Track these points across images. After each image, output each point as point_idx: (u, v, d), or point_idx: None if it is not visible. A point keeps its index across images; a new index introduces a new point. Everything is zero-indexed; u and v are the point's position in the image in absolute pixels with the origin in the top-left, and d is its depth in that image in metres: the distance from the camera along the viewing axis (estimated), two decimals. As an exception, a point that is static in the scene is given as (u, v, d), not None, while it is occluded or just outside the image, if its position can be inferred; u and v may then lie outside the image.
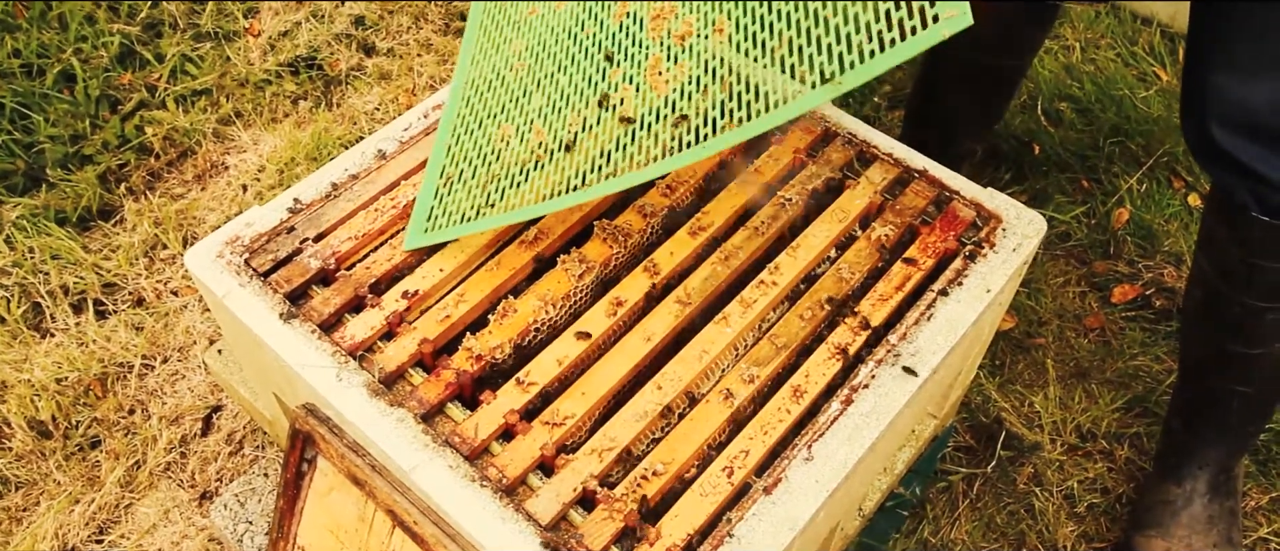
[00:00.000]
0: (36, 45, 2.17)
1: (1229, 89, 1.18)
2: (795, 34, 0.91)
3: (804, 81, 0.89)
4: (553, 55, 1.15)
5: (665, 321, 1.05)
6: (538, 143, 1.09)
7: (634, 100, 1.03)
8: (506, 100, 1.18)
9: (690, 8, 1.04)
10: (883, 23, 0.82)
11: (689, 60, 1.01)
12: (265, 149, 2.09)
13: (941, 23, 0.77)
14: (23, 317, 1.78)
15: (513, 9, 1.26)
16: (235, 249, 1.10)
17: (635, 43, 1.08)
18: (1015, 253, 1.14)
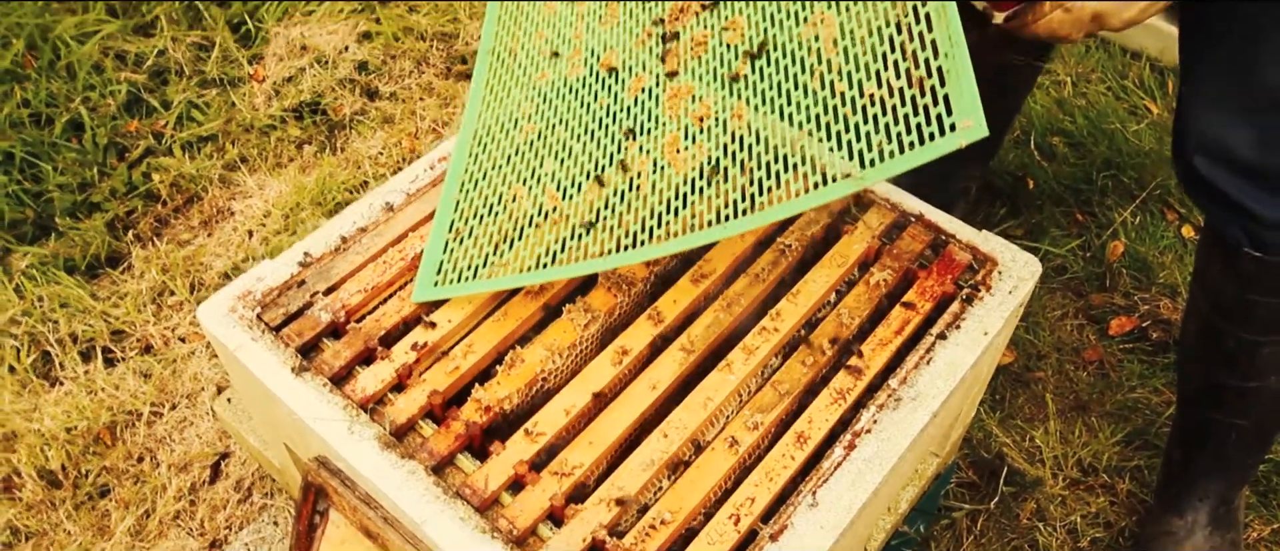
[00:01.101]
0: (45, 94, 2.21)
1: (1213, 127, 1.20)
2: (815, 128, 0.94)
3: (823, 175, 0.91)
4: (565, 121, 1.18)
5: (670, 369, 1.07)
6: (552, 207, 1.11)
7: (652, 176, 1.05)
8: (517, 159, 1.21)
9: (707, 90, 1.07)
10: (902, 126, 0.85)
11: (707, 141, 1.04)
12: (271, 194, 2.12)
13: (959, 132, 0.80)
14: (32, 366, 1.80)
15: (519, 65, 1.29)
16: (247, 303, 1.13)
17: (651, 118, 1.10)
18: (1011, 295, 1.16)
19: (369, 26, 2.47)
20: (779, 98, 0.98)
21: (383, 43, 2.44)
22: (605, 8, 1.22)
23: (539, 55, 1.28)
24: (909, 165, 0.85)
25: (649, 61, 1.13)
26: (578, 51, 1.22)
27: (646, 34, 1.15)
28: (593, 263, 1.04)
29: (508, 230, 1.14)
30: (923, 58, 0.87)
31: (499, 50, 1.33)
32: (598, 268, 1.04)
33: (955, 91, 0.83)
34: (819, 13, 0.98)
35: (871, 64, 0.92)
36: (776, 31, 1.02)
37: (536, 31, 1.30)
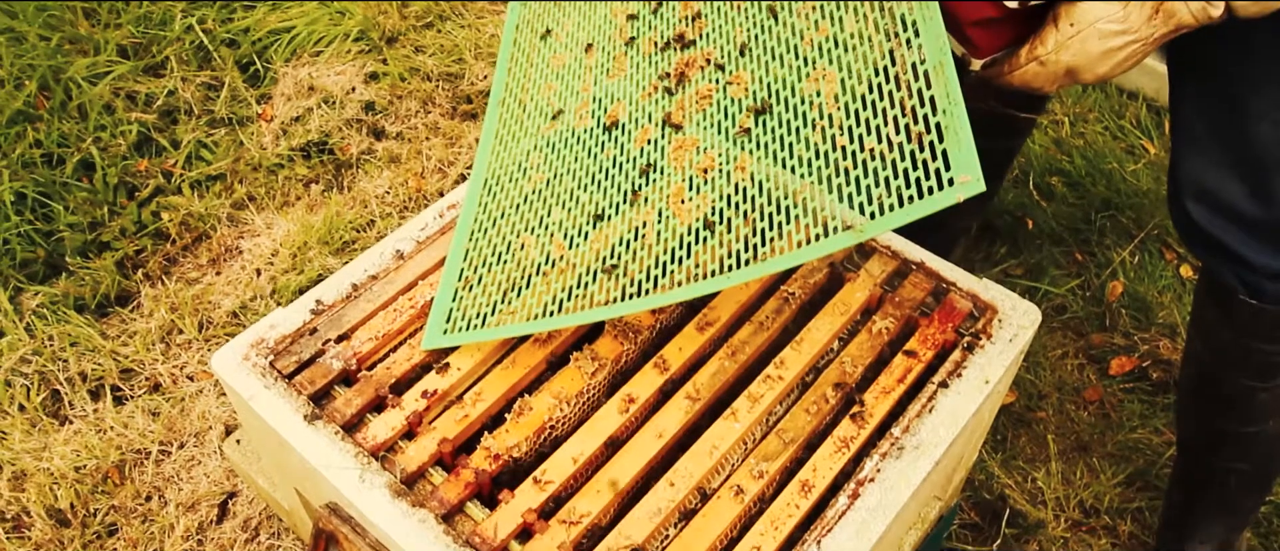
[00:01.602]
0: (57, 135, 2.24)
1: (1205, 177, 1.22)
2: (817, 180, 0.96)
3: (825, 227, 0.93)
4: (572, 171, 1.20)
5: (676, 417, 1.09)
6: (559, 256, 1.13)
7: (656, 226, 1.07)
8: (525, 207, 1.23)
9: (711, 142, 1.09)
10: (902, 180, 0.87)
11: (711, 192, 1.06)
12: (278, 233, 2.15)
13: (957, 187, 0.82)
14: (42, 405, 1.82)
15: (527, 115, 1.32)
16: (260, 351, 1.15)
17: (657, 169, 1.13)
18: (1011, 343, 1.18)
19: (376, 67, 2.50)
20: (782, 151, 1.01)
21: (389, 83, 2.47)
22: (613, 60, 1.25)
23: (547, 105, 1.30)
24: (908, 218, 0.87)
25: (655, 113, 1.16)
26: (585, 102, 1.25)
27: (653, 87, 1.18)
28: (598, 311, 1.06)
29: (516, 278, 1.16)
30: (921, 113, 0.90)
31: (508, 100, 1.36)
32: (603, 316, 1.06)
33: (953, 147, 0.86)
34: (820, 68, 1.01)
35: (872, 119, 0.94)
36: (779, 86, 1.05)
37: (546, 83, 1.33)
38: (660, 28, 1.23)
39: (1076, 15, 0.97)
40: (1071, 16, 0.98)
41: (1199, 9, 0.93)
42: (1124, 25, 0.96)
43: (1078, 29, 0.98)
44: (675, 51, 1.18)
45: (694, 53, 1.15)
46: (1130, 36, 0.97)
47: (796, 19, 1.07)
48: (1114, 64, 0.99)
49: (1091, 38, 0.97)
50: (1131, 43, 0.97)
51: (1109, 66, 1.00)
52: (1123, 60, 0.99)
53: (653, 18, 1.25)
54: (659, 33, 1.22)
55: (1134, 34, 0.97)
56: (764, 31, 1.10)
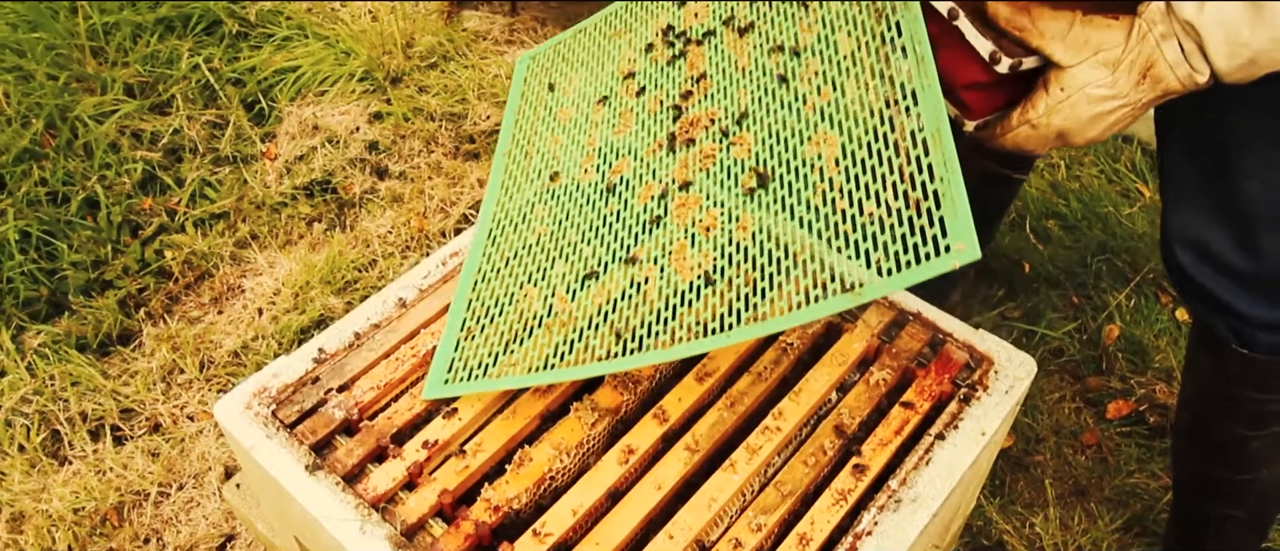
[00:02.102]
0: (63, 173, 2.26)
1: (1194, 229, 1.23)
2: (816, 243, 0.97)
3: (823, 287, 0.94)
4: (575, 224, 1.22)
5: (675, 469, 1.10)
6: (561, 308, 1.15)
7: (659, 282, 1.08)
8: (528, 258, 1.24)
9: (714, 201, 1.10)
10: (899, 245, 0.88)
11: (712, 250, 1.07)
12: (281, 272, 2.16)
13: (953, 254, 0.84)
14: (41, 445, 1.82)
15: (532, 167, 1.34)
16: (262, 400, 1.16)
17: (660, 225, 1.14)
18: (1007, 394, 1.19)
19: (380, 107, 2.53)
20: (783, 212, 1.02)
21: (393, 123, 2.50)
22: (619, 117, 1.27)
23: (552, 158, 1.32)
24: (905, 283, 0.88)
25: (659, 171, 1.18)
26: (590, 157, 1.27)
27: (658, 144, 1.20)
28: (597, 366, 1.07)
29: (517, 329, 1.17)
30: (919, 180, 0.91)
31: (514, 152, 1.38)
32: (602, 371, 1.07)
33: (950, 215, 0.87)
34: (822, 132, 1.03)
35: (871, 184, 0.96)
36: (781, 148, 1.06)
37: (551, 136, 1.35)
38: (666, 86, 1.25)
39: (1066, 80, 0.99)
40: (1061, 82, 1.00)
41: (1186, 75, 0.95)
42: (1113, 90, 0.98)
43: (1068, 94, 1.00)
44: (680, 110, 1.20)
45: (698, 112, 1.17)
46: (1119, 101, 0.99)
47: (799, 84, 1.09)
48: (1104, 127, 1.01)
49: (1081, 102, 0.99)
50: (1121, 107, 0.99)
51: (1099, 130, 1.01)
52: (1112, 123, 1.01)
53: (658, 76, 1.27)
54: (664, 91, 1.24)
55: (1123, 99, 0.99)
56: (767, 94, 1.12)
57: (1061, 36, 0.98)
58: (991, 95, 1.06)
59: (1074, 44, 0.98)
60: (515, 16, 2.91)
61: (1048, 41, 0.99)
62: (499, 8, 2.91)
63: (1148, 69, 0.96)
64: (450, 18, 2.85)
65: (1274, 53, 0.91)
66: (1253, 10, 0.88)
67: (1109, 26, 0.97)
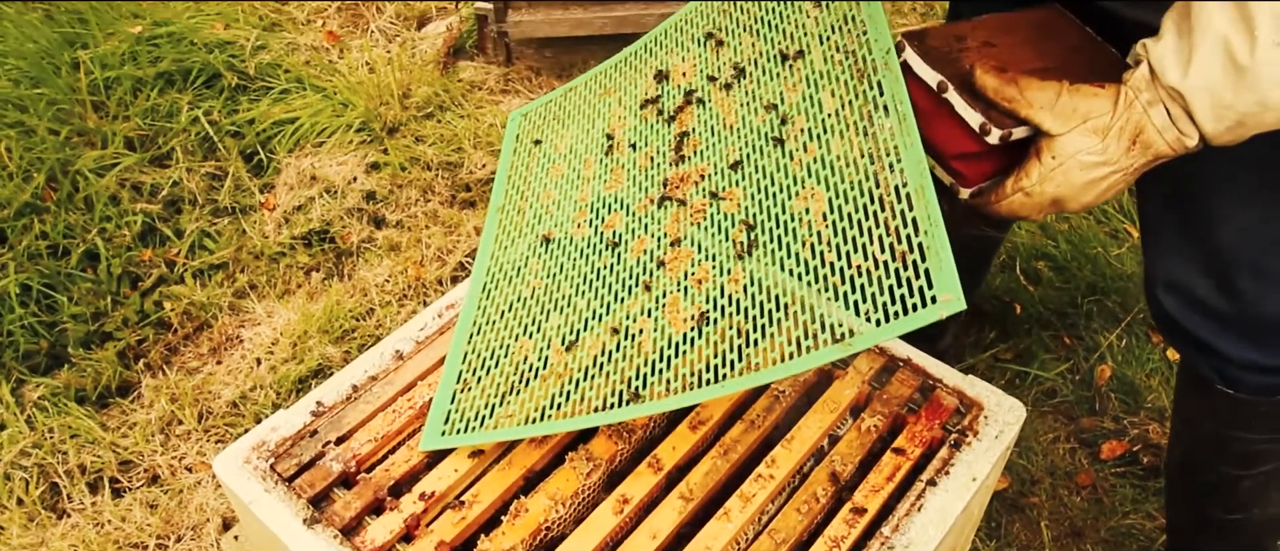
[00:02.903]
0: (63, 226, 2.28)
1: (1175, 273, 1.26)
2: (806, 294, 1.00)
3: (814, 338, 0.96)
4: (569, 277, 1.24)
5: (669, 518, 1.11)
6: (556, 359, 1.17)
7: (653, 334, 1.10)
8: (522, 310, 1.26)
9: (705, 256, 1.13)
10: (887, 296, 0.91)
11: (705, 302, 1.09)
12: (279, 322, 2.18)
13: (939, 305, 0.86)
14: (40, 498, 1.83)
15: (525, 221, 1.36)
16: (261, 454, 1.17)
17: (653, 278, 1.17)
18: (997, 439, 1.21)
19: (377, 157, 2.56)
20: (773, 264, 1.04)
21: (390, 173, 2.53)
22: (611, 173, 1.30)
23: (545, 212, 1.35)
24: (894, 333, 0.90)
25: (651, 225, 1.20)
26: (583, 211, 1.29)
27: (650, 200, 1.22)
28: (592, 418, 1.09)
29: (513, 381, 1.19)
30: (904, 233, 0.94)
31: (508, 207, 1.41)
32: (595, 423, 1.09)
33: (935, 267, 0.90)
34: (809, 187, 1.06)
35: (857, 237, 0.98)
36: (770, 203, 1.09)
37: (544, 191, 1.37)
38: (655, 143, 1.28)
39: (1057, 148, 1.00)
40: (1053, 150, 1.00)
41: (1175, 139, 0.96)
42: (1104, 156, 0.99)
43: (1059, 161, 1.00)
44: (670, 166, 1.23)
45: (688, 169, 1.20)
46: (1111, 167, 1.00)
47: (787, 140, 1.12)
48: (1098, 193, 1.02)
49: (1074, 169, 1.00)
50: (1113, 173, 1.00)
51: (1093, 195, 1.02)
52: (1106, 189, 1.02)
53: (648, 132, 1.30)
54: (654, 148, 1.27)
55: (1114, 164, 0.99)
56: (755, 151, 1.15)
57: (1049, 106, 0.99)
58: (984, 164, 1.07)
59: (1062, 113, 0.99)
60: (510, 67, 2.96)
61: (1036, 111, 1.00)
62: (494, 58, 2.96)
63: (1137, 135, 0.97)
64: (446, 69, 2.90)
65: (1260, 115, 0.92)
66: (1234, 74, 0.89)
67: (1096, 95, 0.99)
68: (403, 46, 2.96)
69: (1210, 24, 0.89)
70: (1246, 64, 0.88)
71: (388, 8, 3.11)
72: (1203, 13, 0.90)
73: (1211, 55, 0.90)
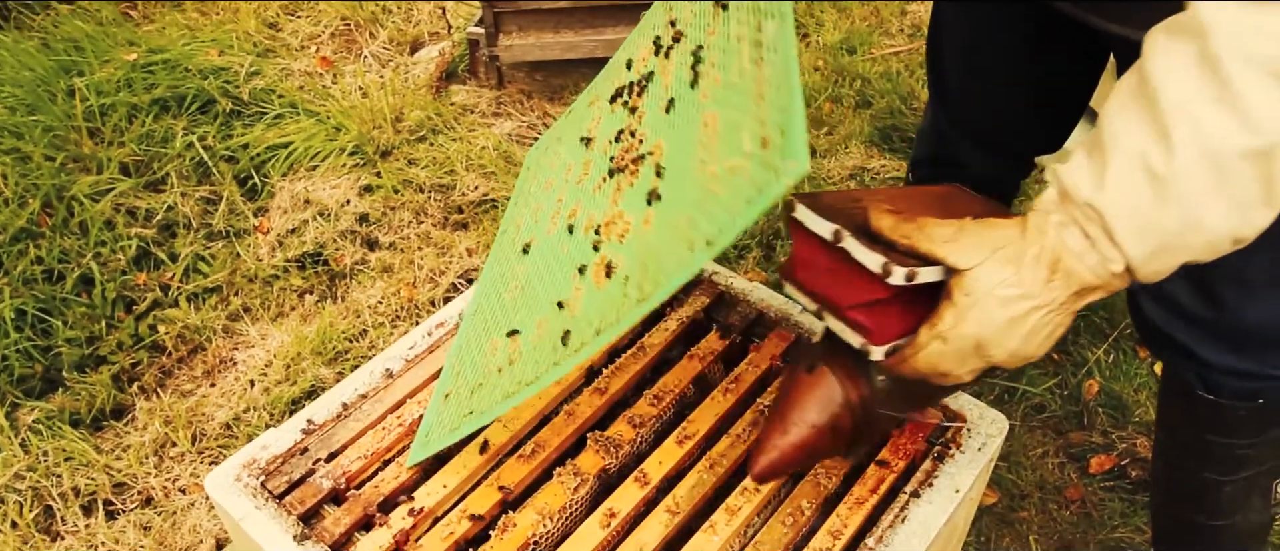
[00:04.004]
0: (58, 251, 2.30)
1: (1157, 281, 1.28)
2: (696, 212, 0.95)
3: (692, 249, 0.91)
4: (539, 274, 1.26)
5: (656, 531, 1.12)
6: (516, 349, 1.17)
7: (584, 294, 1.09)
8: (500, 315, 1.28)
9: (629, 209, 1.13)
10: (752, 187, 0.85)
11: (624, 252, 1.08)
12: (273, 344, 2.19)
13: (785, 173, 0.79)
14: (34, 521, 1.83)
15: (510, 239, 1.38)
16: (252, 471, 1.18)
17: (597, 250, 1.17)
18: (980, 451, 1.22)
19: (370, 180, 2.59)
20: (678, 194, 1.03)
21: (383, 195, 2.56)
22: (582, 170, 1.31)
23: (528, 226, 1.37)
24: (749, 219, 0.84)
25: (600, 201, 1.20)
26: (556, 212, 1.31)
27: (602, 179, 1.23)
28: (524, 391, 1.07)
29: (484, 379, 1.20)
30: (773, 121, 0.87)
31: (505, 230, 1.43)
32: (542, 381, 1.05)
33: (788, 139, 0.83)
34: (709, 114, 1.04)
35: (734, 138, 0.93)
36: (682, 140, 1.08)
37: (532, 206, 1.39)
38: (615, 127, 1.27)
39: (968, 284, 0.88)
40: (964, 286, 0.89)
41: (1097, 264, 0.84)
42: (1022, 289, 0.87)
43: (974, 298, 0.88)
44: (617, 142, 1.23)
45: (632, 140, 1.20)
46: (1032, 301, 0.87)
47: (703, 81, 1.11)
48: (1024, 334, 0.89)
49: (991, 305, 0.88)
50: (1036, 308, 0.87)
51: (1019, 338, 0.89)
52: (1033, 329, 0.89)
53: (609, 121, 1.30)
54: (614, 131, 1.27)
55: (1036, 299, 0.87)
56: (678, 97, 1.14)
57: (953, 240, 0.89)
58: (892, 317, 0.95)
59: (968, 245, 0.88)
60: (502, 90, 2.99)
61: (938, 245, 0.89)
62: (486, 82, 2.99)
63: (1056, 263, 0.86)
64: (438, 92, 2.93)
65: (1187, 238, 0.81)
66: (1154, 186, 0.79)
67: (1002, 224, 0.89)
68: (395, 71, 2.99)
69: (1122, 139, 0.81)
70: (1166, 175, 0.78)
71: (381, 33, 3.15)
72: (1112, 130, 0.82)
73: (1126, 169, 0.80)
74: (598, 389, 1.29)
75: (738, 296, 1.43)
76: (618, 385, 1.30)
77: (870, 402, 1.01)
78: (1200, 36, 0.77)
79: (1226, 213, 0.79)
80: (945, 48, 1.54)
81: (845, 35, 3.24)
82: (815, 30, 3.30)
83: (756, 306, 1.41)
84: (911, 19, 3.36)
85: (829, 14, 3.36)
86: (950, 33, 1.52)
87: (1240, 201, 0.79)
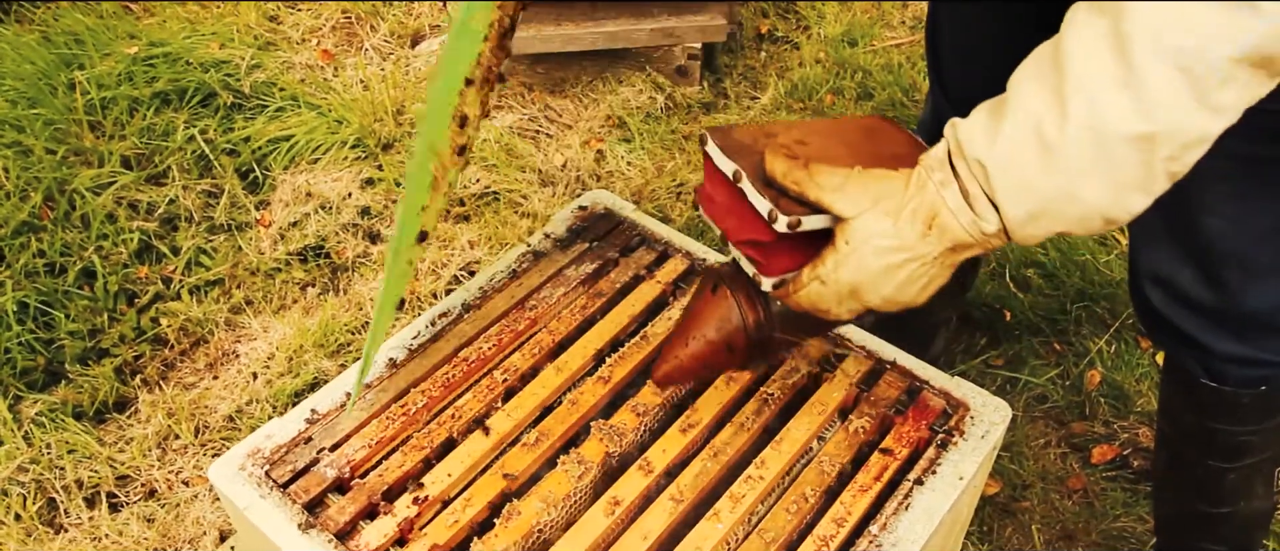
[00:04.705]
0: (60, 244, 2.30)
1: (1161, 266, 1.28)
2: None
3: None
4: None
5: (660, 519, 1.12)
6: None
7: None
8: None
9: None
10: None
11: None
12: (275, 337, 2.19)
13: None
14: (37, 514, 1.84)
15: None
16: (256, 461, 1.18)
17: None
18: (984, 439, 1.22)
19: (371, 173, 2.58)
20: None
21: (385, 188, 2.55)
22: None
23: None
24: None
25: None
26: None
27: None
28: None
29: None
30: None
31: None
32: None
33: None
34: None
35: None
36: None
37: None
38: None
39: (850, 232, 0.94)
40: (845, 234, 0.94)
41: (969, 222, 0.89)
42: (898, 240, 0.92)
43: (853, 246, 0.94)
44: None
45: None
46: (907, 254, 0.92)
47: None
48: (898, 284, 0.95)
49: (868, 254, 0.93)
50: (910, 260, 0.93)
51: (893, 286, 0.95)
52: (908, 280, 0.94)
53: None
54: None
55: (910, 251, 0.92)
56: None
57: (840, 189, 0.94)
58: (784, 255, 1.02)
59: (853, 196, 0.93)
60: (502, 84, 2.98)
61: (825, 194, 0.94)
62: (488, 74, 2.98)
63: (932, 218, 0.90)
64: (440, 85, 2.92)
65: (1062, 207, 0.84)
66: (1042, 152, 0.83)
67: (888, 177, 0.94)
68: (397, 64, 2.98)
69: (1023, 101, 0.84)
70: (1055, 142, 0.81)
71: (381, 26, 3.15)
72: (1017, 91, 0.85)
73: (1020, 130, 0.83)
74: (602, 378, 1.29)
75: (741, 286, 1.43)
76: (621, 374, 1.30)
77: (764, 326, 1.11)
78: (1119, 17, 0.78)
79: (1101, 190, 0.83)
80: (941, 46, 1.54)
81: (846, 27, 3.24)
82: (817, 22, 3.29)
83: (759, 296, 1.41)
84: (913, 11, 3.36)
85: (831, 7, 3.36)
86: (945, 33, 1.52)
87: (1117, 182, 0.82)
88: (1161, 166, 0.81)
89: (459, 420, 1.23)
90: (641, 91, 2.94)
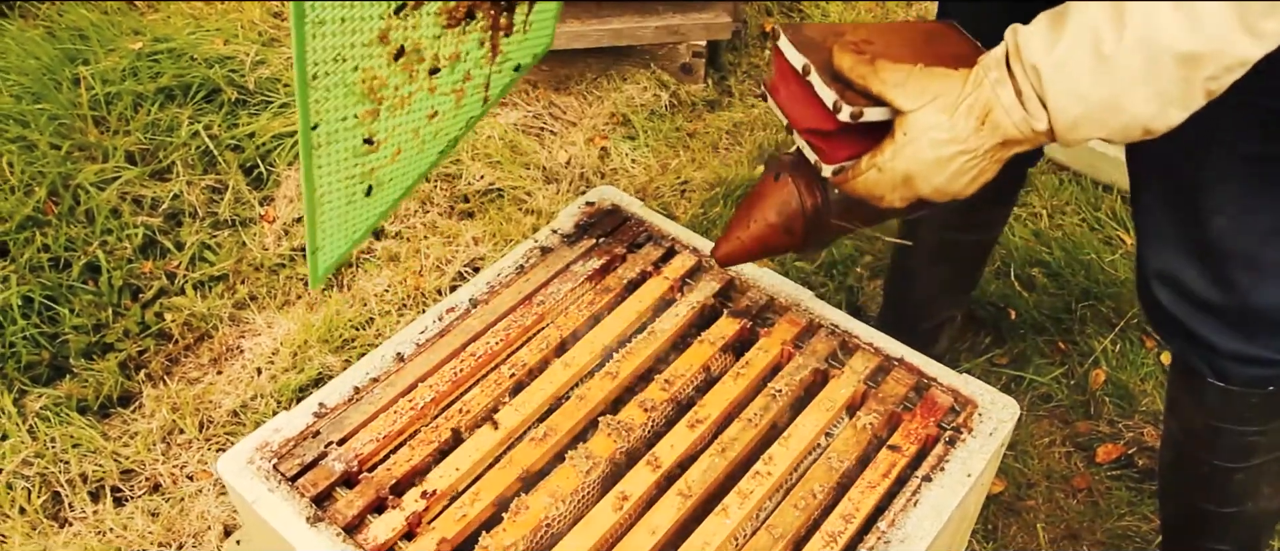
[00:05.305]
0: (65, 239, 2.30)
1: (1168, 265, 1.28)
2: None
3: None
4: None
5: (668, 514, 1.12)
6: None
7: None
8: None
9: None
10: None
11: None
12: (279, 332, 2.19)
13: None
14: (42, 507, 1.83)
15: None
16: (264, 454, 1.18)
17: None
18: (991, 436, 1.22)
19: (376, 169, 2.58)
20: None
21: (389, 184, 2.55)
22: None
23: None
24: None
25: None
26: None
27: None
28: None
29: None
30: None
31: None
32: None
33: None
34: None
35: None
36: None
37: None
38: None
39: (908, 125, 1.00)
40: (904, 126, 1.00)
41: (1021, 120, 0.95)
42: (952, 132, 0.98)
43: (909, 137, 1.00)
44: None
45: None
46: (959, 146, 0.98)
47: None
48: (949, 174, 1.01)
49: (924, 146, 0.99)
50: (962, 153, 0.99)
51: (945, 177, 1.01)
52: (958, 171, 1.01)
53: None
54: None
55: (963, 144, 0.98)
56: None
57: (902, 84, 1.00)
58: (845, 145, 1.08)
59: (913, 90, 0.99)
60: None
61: (888, 88, 1.00)
62: (492, 71, 2.98)
63: (986, 114, 0.96)
64: (445, 82, 2.92)
65: (1107, 114, 0.90)
66: (1096, 61, 0.88)
67: (948, 74, 1.00)
68: (401, 61, 2.98)
69: (1084, 13, 0.89)
70: (1110, 54, 0.87)
71: (386, 23, 3.14)
72: (1079, 4, 0.90)
73: (1078, 39, 0.89)
74: (609, 373, 1.29)
75: (748, 282, 1.43)
76: (629, 370, 1.30)
77: (822, 212, 1.16)
78: None
79: (1146, 102, 0.89)
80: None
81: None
82: (821, 21, 3.29)
83: (767, 292, 1.41)
84: (917, 11, 3.36)
85: (835, 6, 3.36)
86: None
87: (1162, 95, 0.88)
88: (1202, 85, 0.87)
89: (467, 415, 1.23)
90: (646, 89, 2.94)
